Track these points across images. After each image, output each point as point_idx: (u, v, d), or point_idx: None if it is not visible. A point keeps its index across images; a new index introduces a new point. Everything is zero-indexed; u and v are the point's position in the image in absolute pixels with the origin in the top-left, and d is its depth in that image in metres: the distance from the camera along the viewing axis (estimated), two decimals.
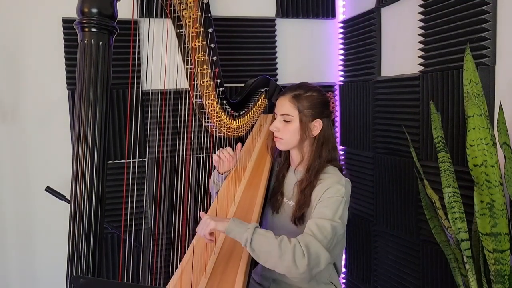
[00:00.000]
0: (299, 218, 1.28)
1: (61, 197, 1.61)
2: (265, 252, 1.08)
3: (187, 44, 1.09)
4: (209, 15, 1.09)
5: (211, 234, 1.14)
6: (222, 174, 1.51)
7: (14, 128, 1.85)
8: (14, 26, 1.81)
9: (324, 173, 1.30)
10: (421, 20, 1.59)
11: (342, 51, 2.20)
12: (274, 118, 1.38)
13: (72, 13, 0.71)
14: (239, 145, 1.50)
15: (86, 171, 0.74)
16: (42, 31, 1.83)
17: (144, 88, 1.88)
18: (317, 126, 1.32)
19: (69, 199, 1.47)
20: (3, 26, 1.80)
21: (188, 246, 1.26)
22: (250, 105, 1.51)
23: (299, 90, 1.32)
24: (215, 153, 1.51)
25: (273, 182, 1.48)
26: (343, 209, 1.19)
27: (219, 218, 1.14)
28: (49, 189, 1.61)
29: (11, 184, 1.87)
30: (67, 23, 1.81)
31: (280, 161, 1.48)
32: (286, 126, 1.32)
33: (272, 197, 1.43)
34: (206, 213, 1.40)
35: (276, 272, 1.35)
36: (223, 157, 1.46)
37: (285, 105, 1.32)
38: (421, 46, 1.60)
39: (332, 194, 1.21)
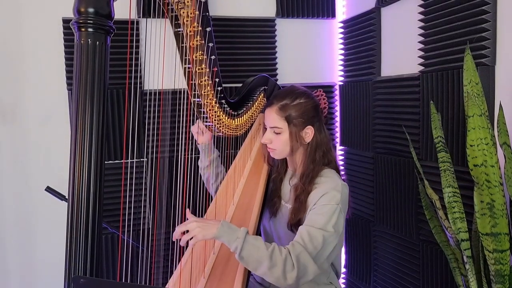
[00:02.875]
0: (295, 224, 1.26)
1: (61, 197, 1.61)
2: (255, 262, 1.05)
3: (185, 43, 1.08)
4: (207, 14, 1.08)
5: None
6: (200, 144, 1.52)
7: (14, 128, 1.85)
8: (14, 26, 1.81)
9: (320, 177, 1.28)
10: (421, 20, 1.59)
11: (342, 51, 2.19)
12: (264, 129, 1.36)
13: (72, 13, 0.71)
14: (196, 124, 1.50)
15: (84, 171, 0.74)
16: (42, 31, 1.83)
17: (143, 88, 1.88)
18: (309, 133, 1.29)
19: None
20: (3, 26, 1.81)
21: (187, 246, 1.26)
22: (249, 104, 1.51)
23: (286, 100, 1.28)
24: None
25: (270, 186, 1.48)
26: (337, 217, 1.16)
27: (206, 223, 1.07)
28: (49, 189, 1.61)
29: (11, 184, 1.87)
30: (67, 23, 1.81)
31: (277, 166, 1.47)
32: (278, 137, 1.29)
33: (270, 201, 1.42)
34: (205, 213, 1.41)
35: None
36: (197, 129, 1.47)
37: (272, 117, 1.29)
38: (421, 46, 1.60)
39: (327, 201, 1.18)
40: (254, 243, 1.06)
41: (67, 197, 1.58)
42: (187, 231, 1.06)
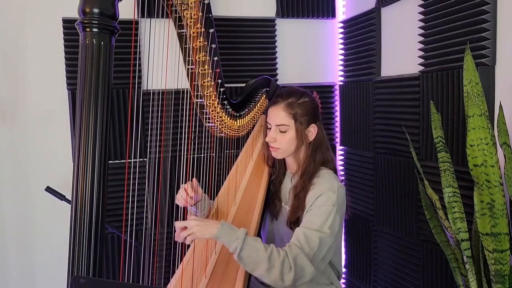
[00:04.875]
0: (294, 222, 1.28)
1: (61, 197, 1.61)
2: (253, 263, 1.06)
3: (188, 45, 1.09)
4: (210, 15, 1.09)
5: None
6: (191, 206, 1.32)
7: (14, 128, 1.85)
8: (14, 26, 1.81)
9: (317, 177, 1.29)
10: (421, 20, 1.59)
11: (342, 51, 2.20)
12: (267, 128, 1.36)
13: (72, 13, 0.72)
14: (194, 180, 1.30)
15: (87, 171, 0.74)
16: (42, 31, 1.83)
17: (145, 88, 1.89)
18: (312, 131, 1.31)
19: (69, 199, 1.47)
20: (3, 26, 1.80)
21: (188, 246, 1.27)
22: (251, 106, 1.51)
23: (292, 98, 1.30)
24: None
25: (271, 187, 1.48)
26: (333, 217, 1.17)
27: (206, 223, 1.07)
28: (49, 189, 1.61)
29: (11, 184, 1.87)
30: (67, 23, 1.81)
31: (276, 167, 1.47)
32: (283, 136, 1.30)
33: (271, 203, 1.43)
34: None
35: None
36: (180, 198, 1.28)
37: (279, 115, 1.29)
38: (421, 46, 1.60)
39: (323, 202, 1.19)
40: (254, 244, 1.06)
41: (67, 197, 1.59)
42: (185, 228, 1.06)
